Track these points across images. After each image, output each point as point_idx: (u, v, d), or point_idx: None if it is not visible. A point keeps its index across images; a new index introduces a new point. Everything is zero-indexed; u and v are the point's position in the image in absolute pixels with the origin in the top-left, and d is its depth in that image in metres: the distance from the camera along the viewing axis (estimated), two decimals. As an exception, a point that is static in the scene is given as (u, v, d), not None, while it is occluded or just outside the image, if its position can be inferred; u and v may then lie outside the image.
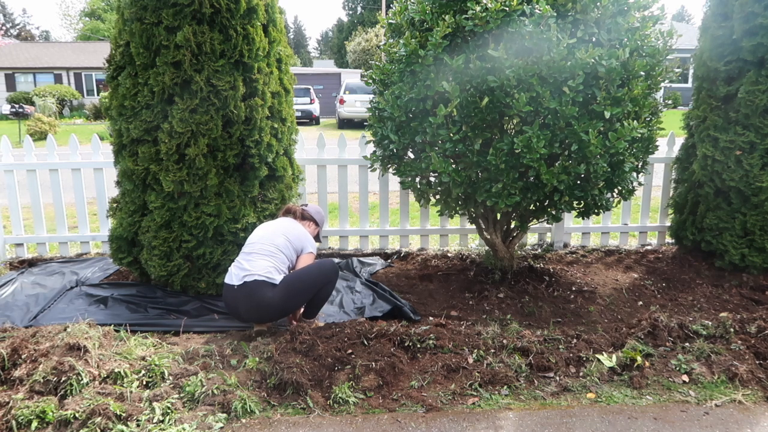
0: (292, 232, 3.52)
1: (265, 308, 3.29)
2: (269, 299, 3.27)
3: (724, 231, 4.25)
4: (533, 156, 3.34)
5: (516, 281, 4.19)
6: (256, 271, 3.29)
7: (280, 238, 3.46)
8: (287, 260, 3.44)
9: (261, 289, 3.26)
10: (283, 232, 3.50)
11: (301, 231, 3.59)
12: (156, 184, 3.75)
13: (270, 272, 3.31)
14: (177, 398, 2.73)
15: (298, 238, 3.53)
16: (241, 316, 3.40)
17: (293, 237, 3.51)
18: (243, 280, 3.29)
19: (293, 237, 3.51)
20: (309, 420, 2.67)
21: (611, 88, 3.35)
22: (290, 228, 3.55)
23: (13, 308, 3.84)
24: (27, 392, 2.71)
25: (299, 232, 3.56)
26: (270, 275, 3.30)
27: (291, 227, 3.56)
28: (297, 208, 3.79)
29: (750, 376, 2.98)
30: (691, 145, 4.59)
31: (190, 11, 3.50)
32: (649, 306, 3.97)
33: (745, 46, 4.00)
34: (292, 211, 3.76)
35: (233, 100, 3.63)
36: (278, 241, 3.44)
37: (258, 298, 3.26)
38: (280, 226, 3.55)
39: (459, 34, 3.52)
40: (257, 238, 3.47)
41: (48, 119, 16.38)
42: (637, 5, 3.56)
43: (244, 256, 3.41)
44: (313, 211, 3.83)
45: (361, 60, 32.44)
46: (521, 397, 2.86)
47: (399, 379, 2.96)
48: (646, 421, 2.68)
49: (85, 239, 5.02)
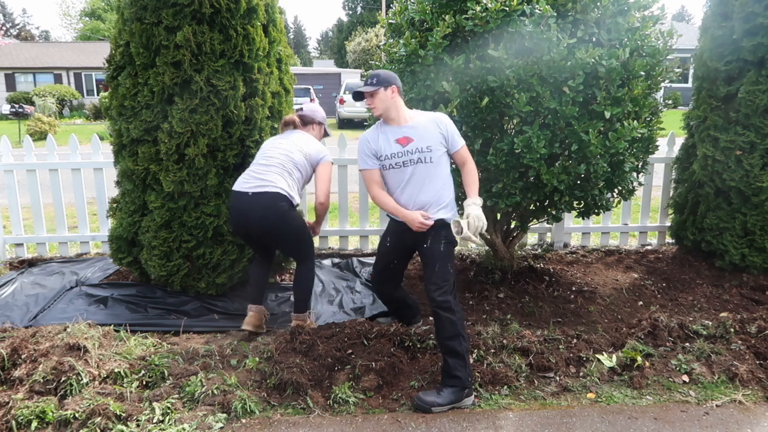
0: (307, 148, 3.48)
1: (281, 222, 3.32)
2: (290, 216, 3.35)
3: (724, 231, 4.24)
4: (533, 156, 3.33)
5: (516, 281, 4.19)
6: (279, 185, 3.32)
7: (298, 155, 3.44)
8: (303, 178, 3.49)
9: (282, 201, 3.30)
10: (299, 148, 3.47)
11: (314, 143, 3.54)
12: (156, 184, 3.75)
13: (292, 191, 3.37)
14: (177, 398, 2.73)
15: (315, 151, 3.49)
16: (248, 229, 3.37)
17: (312, 152, 3.47)
18: (262, 189, 3.29)
19: (312, 152, 3.47)
20: (309, 420, 2.67)
21: (611, 88, 3.35)
22: (305, 143, 3.50)
23: (13, 308, 3.84)
24: (27, 392, 2.71)
25: (313, 146, 3.51)
26: (291, 193, 3.35)
27: (305, 142, 3.51)
28: (293, 117, 3.64)
29: (750, 376, 2.98)
30: (691, 145, 4.59)
31: (190, 11, 3.50)
32: (649, 306, 3.97)
33: (746, 46, 4.00)
34: (292, 123, 3.62)
35: (233, 100, 3.63)
36: (297, 158, 3.43)
37: (278, 210, 3.30)
38: (296, 142, 3.50)
39: (459, 34, 3.52)
40: (275, 151, 3.44)
41: (48, 119, 16.36)
42: (637, 5, 3.56)
43: (262, 167, 3.39)
44: (310, 111, 3.69)
45: (361, 60, 32.44)
46: (521, 397, 2.86)
47: (399, 379, 2.96)
48: (646, 421, 2.68)
49: (85, 239, 5.01)
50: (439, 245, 2.96)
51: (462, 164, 3.14)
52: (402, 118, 3.04)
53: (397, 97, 3.01)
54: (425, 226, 2.94)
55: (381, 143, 3.03)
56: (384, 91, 2.97)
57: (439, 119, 3.07)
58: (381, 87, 2.96)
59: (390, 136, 3.02)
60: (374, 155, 3.04)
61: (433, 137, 3.01)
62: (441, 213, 3.01)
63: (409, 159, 2.98)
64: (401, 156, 2.98)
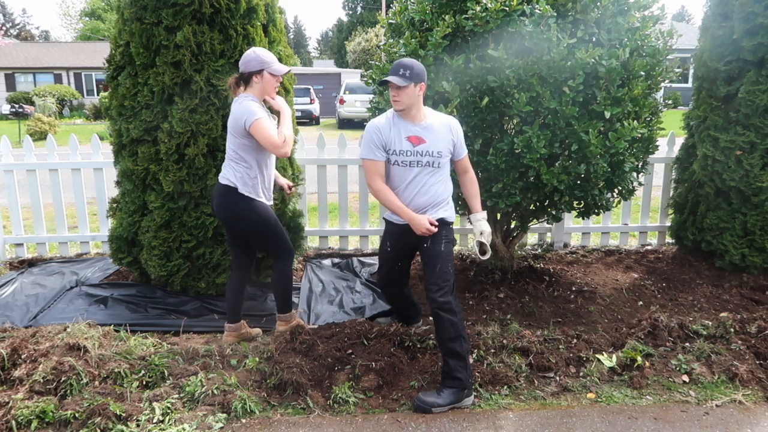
0: (231, 113, 3.08)
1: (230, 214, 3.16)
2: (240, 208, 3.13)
3: (724, 231, 4.24)
4: (533, 156, 3.34)
5: (516, 281, 4.19)
6: (225, 174, 3.15)
7: (228, 134, 3.12)
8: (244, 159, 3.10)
9: (228, 193, 3.12)
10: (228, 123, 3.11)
11: (239, 102, 3.05)
12: (156, 184, 3.75)
13: (235, 178, 3.11)
14: (177, 398, 2.73)
15: (234, 119, 3.04)
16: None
17: (231, 123, 3.07)
18: (219, 180, 3.18)
19: (231, 123, 3.07)
20: (309, 420, 2.67)
21: (611, 88, 3.35)
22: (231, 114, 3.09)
23: (13, 308, 3.84)
24: (27, 392, 2.71)
25: (237, 105, 3.05)
26: (235, 182, 3.11)
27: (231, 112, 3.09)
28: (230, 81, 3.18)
29: (750, 376, 2.98)
30: (691, 145, 4.59)
31: (190, 11, 3.50)
32: (649, 306, 3.97)
33: (746, 46, 4.00)
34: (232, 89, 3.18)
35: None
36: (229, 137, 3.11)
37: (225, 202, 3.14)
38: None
39: (459, 34, 3.52)
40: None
41: (48, 119, 16.36)
42: (637, 5, 3.56)
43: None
44: (243, 65, 3.09)
45: (361, 60, 32.42)
46: (521, 397, 2.86)
47: (399, 379, 2.96)
48: (646, 421, 2.68)
49: (85, 239, 5.02)
50: (440, 245, 2.94)
51: (464, 172, 3.11)
52: (419, 115, 2.93)
53: (422, 94, 2.90)
54: (430, 233, 2.90)
55: (392, 136, 2.91)
56: (413, 87, 2.82)
57: (453, 125, 3.01)
58: (413, 83, 2.81)
59: (402, 132, 2.91)
60: (383, 147, 2.91)
61: (444, 143, 2.94)
62: (441, 212, 2.99)
63: (417, 160, 2.90)
64: (410, 155, 2.90)
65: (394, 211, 2.97)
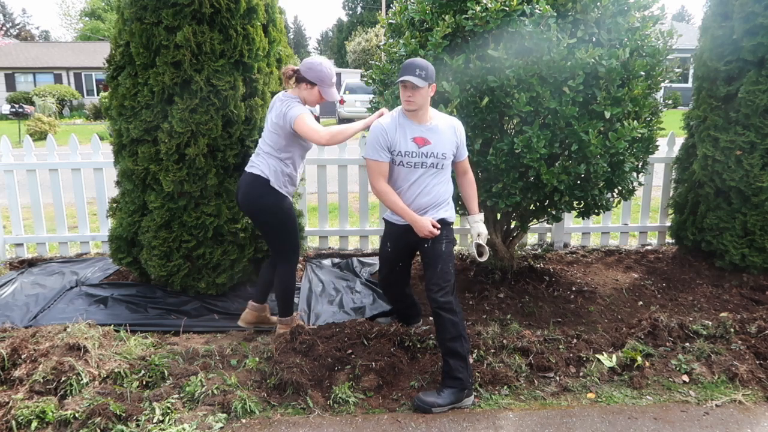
0: (274, 109, 3.17)
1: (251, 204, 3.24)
2: (266, 200, 3.20)
3: (724, 231, 4.24)
4: (533, 156, 3.34)
5: (516, 281, 4.19)
6: (257, 164, 3.23)
7: (267, 124, 3.21)
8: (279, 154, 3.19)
9: (256, 182, 3.20)
10: (269, 115, 3.21)
11: (282, 101, 3.15)
12: (156, 184, 3.75)
13: (268, 168, 3.19)
14: (177, 398, 2.73)
15: (279, 111, 3.12)
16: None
17: (275, 114, 3.14)
18: (247, 168, 3.26)
19: (275, 114, 3.14)
20: (309, 420, 2.67)
21: (611, 88, 3.35)
22: (274, 104, 3.18)
23: (13, 308, 3.84)
24: (27, 392, 2.71)
25: (280, 103, 3.14)
26: (267, 172, 3.18)
27: (274, 102, 3.19)
28: (286, 69, 3.27)
29: (750, 376, 2.98)
30: (691, 145, 4.59)
31: (190, 11, 3.50)
32: (649, 306, 3.97)
33: (746, 46, 4.00)
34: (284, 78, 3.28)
35: (233, 100, 3.63)
36: (266, 127, 3.21)
37: (252, 192, 3.21)
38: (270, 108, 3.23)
39: (459, 34, 3.52)
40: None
41: (48, 119, 16.36)
42: (637, 5, 3.56)
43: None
44: (304, 69, 3.18)
45: (361, 60, 32.42)
46: (521, 397, 2.86)
47: (399, 379, 2.96)
48: (646, 421, 2.68)
49: (85, 239, 5.01)
50: (441, 245, 2.94)
51: (463, 174, 3.11)
52: (426, 116, 2.93)
53: (431, 95, 2.89)
54: (433, 235, 2.90)
55: (398, 137, 2.90)
56: (427, 88, 2.81)
57: (457, 127, 3.02)
58: (427, 84, 2.78)
59: (408, 132, 2.90)
60: (387, 148, 2.90)
61: (449, 145, 2.95)
62: (442, 213, 2.99)
63: (422, 162, 2.91)
64: (415, 157, 2.90)
65: (398, 213, 2.97)
